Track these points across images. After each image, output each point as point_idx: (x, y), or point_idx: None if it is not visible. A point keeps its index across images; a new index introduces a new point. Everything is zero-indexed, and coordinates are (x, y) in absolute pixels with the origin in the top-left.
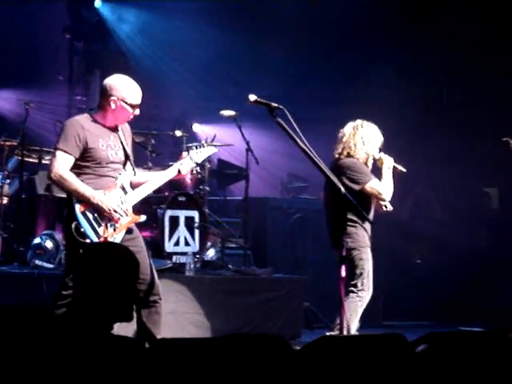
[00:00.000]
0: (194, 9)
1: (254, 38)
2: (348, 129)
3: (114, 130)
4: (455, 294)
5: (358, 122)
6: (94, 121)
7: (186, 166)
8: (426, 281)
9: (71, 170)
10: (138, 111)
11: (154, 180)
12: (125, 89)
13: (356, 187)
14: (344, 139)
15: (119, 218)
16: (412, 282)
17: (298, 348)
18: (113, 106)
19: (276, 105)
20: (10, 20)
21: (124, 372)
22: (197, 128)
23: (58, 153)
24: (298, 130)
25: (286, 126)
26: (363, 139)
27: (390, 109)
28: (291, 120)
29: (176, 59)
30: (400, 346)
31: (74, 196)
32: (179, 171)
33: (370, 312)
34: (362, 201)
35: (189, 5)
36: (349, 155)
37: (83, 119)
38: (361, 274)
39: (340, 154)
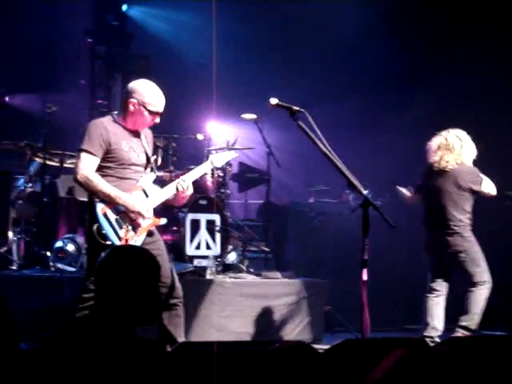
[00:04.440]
0: (222, 9)
1: (280, 40)
2: (455, 141)
3: (136, 132)
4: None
5: (456, 132)
6: (117, 123)
7: (187, 181)
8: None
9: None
10: (158, 120)
11: (171, 186)
12: (147, 94)
13: (477, 188)
14: (455, 152)
15: (143, 220)
16: None
17: (321, 351)
18: (131, 108)
19: (297, 108)
20: (34, 24)
21: (146, 375)
22: (214, 130)
23: (83, 154)
24: (319, 133)
25: (308, 130)
26: (469, 149)
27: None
28: (312, 123)
29: (200, 61)
30: (422, 350)
31: (100, 197)
32: (176, 188)
33: (392, 316)
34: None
35: (216, 5)
36: (461, 164)
37: (106, 121)
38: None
39: (453, 164)
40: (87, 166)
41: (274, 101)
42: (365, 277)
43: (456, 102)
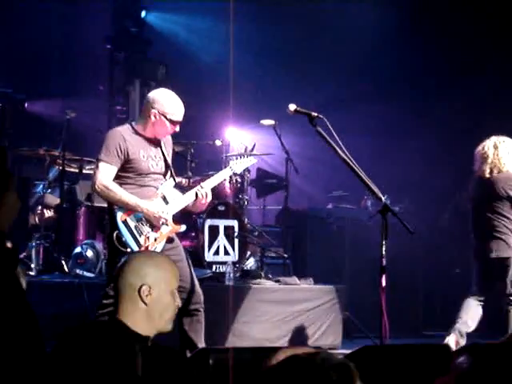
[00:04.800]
0: (240, 14)
1: (299, 45)
2: (490, 149)
3: (155, 140)
4: (498, 303)
5: (495, 140)
6: (135, 132)
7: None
8: (467, 290)
9: (113, 180)
10: (178, 128)
11: (192, 192)
12: (167, 104)
13: None
14: (489, 160)
15: (162, 225)
16: (452, 291)
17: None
18: (152, 118)
19: (316, 114)
20: (53, 30)
21: (166, 381)
22: (232, 135)
23: (101, 164)
24: (337, 138)
25: (326, 135)
26: (508, 156)
27: (437, 116)
28: (331, 129)
29: (217, 67)
30: (444, 356)
31: (119, 206)
32: (196, 195)
33: (410, 321)
34: None
35: (235, 11)
36: (499, 171)
37: (124, 130)
38: None
39: (490, 172)
40: (105, 175)
41: (292, 107)
42: (384, 283)
43: (481, 106)
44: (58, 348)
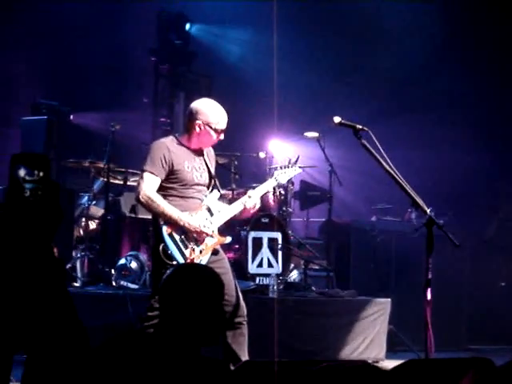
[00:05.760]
0: (284, 27)
1: (343, 58)
2: None
3: (199, 152)
4: None
5: None
6: (180, 143)
7: (252, 199)
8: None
9: (157, 191)
10: (222, 136)
11: (238, 204)
12: (210, 113)
13: None
14: None
15: (205, 239)
16: (497, 305)
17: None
18: (197, 129)
19: (361, 126)
20: (98, 43)
21: None
22: (276, 148)
23: (145, 174)
24: (382, 151)
25: (371, 148)
26: None
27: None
28: (376, 141)
29: (261, 79)
30: (487, 370)
31: (161, 218)
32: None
33: (455, 335)
34: None
35: (279, 23)
36: None
37: (169, 141)
38: None
39: None
40: (149, 186)
41: (337, 119)
42: (429, 296)
43: None
44: (104, 353)
